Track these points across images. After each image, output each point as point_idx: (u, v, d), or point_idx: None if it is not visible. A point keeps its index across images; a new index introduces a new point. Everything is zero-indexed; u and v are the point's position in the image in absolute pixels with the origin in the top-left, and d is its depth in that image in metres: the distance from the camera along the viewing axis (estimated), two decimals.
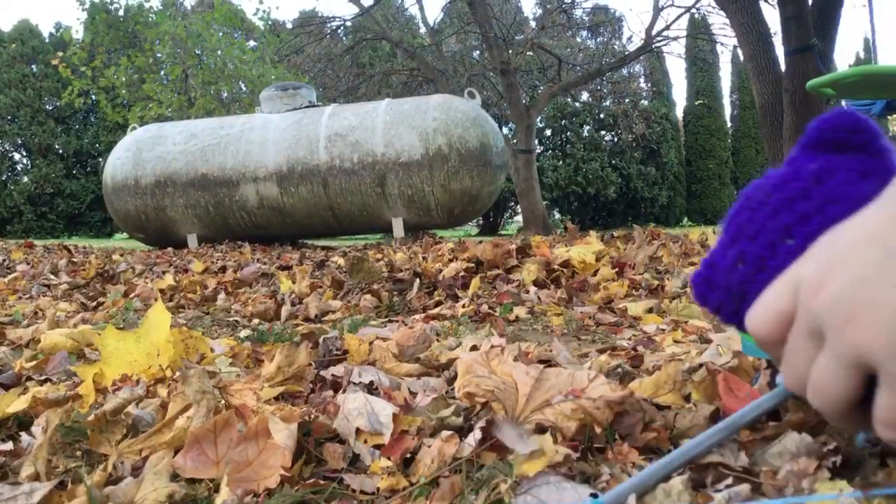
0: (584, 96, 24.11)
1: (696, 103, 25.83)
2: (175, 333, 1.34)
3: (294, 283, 3.25)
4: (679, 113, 26.81)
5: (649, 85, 25.68)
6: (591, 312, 2.23)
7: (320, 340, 1.59)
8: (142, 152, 8.09)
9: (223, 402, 1.06)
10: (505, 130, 19.43)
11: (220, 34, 16.12)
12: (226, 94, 16.28)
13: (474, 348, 1.49)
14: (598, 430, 0.86)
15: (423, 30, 19.02)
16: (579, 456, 0.83)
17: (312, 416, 1.03)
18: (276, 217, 7.88)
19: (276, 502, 0.79)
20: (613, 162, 23.62)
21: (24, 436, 1.07)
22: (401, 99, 8.08)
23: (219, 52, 15.85)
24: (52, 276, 4.10)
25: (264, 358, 1.52)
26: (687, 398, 0.98)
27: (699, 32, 16.62)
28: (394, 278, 2.99)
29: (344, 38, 17.66)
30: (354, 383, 1.22)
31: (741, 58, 10.25)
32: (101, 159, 23.10)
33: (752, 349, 0.93)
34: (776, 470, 0.69)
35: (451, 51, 19.04)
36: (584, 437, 0.86)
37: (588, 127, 24.38)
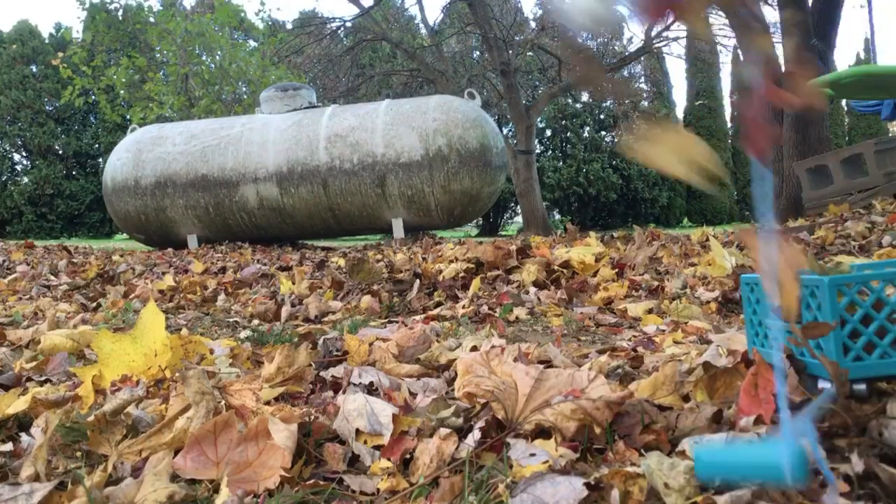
0: (585, 97, 24.10)
1: (696, 104, 25.83)
2: (174, 339, 1.34)
3: (294, 283, 3.25)
4: (679, 114, 26.81)
5: (649, 86, 25.68)
6: (591, 313, 2.23)
7: (320, 341, 1.59)
8: (142, 153, 8.09)
9: (223, 402, 1.06)
10: (505, 131, 19.43)
11: (220, 34, 16.12)
12: (225, 96, 16.27)
13: (474, 349, 1.49)
14: (597, 430, 0.86)
15: (423, 30, 19.02)
16: (579, 456, 0.83)
17: (312, 416, 1.03)
18: (276, 218, 7.87)
19: (276, 503, 0.79)
20: (614, 163, 23.62)
21: (23, 436, 1.07)
22: (401, 100, 8.08)
23: (219, 54, 15.85)
24: (52, 277, 4.10)
25: (264, 359, 1.52)
26: (686, 398, 0.98)
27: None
28: (394, 279, 2.99)
29: (344, 38, 17.65)
30: (354, 384, 1.22)
31: (741, 58, 10.23)
32: (100, 160, 23.10)
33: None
34: None
35: (452, 51, 19.03)
36: (584, 437, 0.86)
37: (588, 128, 24.37)
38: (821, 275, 0.87)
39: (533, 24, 18.77)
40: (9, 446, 1.00)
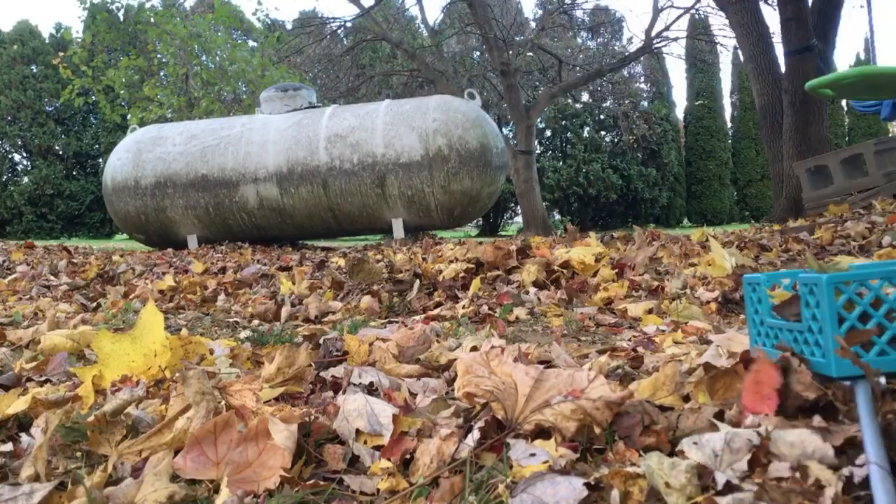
0: (585, 97, 24.10)
1: (696, 104, 25.83)
2: (174, 340, 1.34)
3: (294, 284, 3.25)
4: (679, 114, 26.82)
5: (649, 86, 25.68)
6: (591, 313, 2.23)
7: (320, 341, 1.59)
8: (142, 153, 8.09)
9: (223, 403, 1.06)
10: (505, 131, 19.44)
11: (219, 34, 16.12)
12: (226, 95, 16.28)
13: (474, 349, 1.49)
14: (597, 430, 0.86)
15: (423, 31, 19.03)
16: (578, 456, 0.83)
17: (312, 417, 1.03)
18: (276, 218, 7.88)
19: (276, 503, 0.79)
20: (614, 163, 23.63)
21: (23, 436, 1.07)
22: (401, 100, 8.08)
23: (219, 53, 15.86)
24: (52, 277, 4.10)
25: (264, 359, 1.52)
26: (686, 399, 0.98)
27: (699, 33, 16.63)
28: (394, 279, 2.99)
29: (344, 38, 17.66)
30: (354, 384, 1.22)
31: (741, 58, 10.27)
32: (100, 160, 23.11)
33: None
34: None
35: (452, 52, 19.04)
36: (584, 437, 0.86)
37: (588, 128, 24.38)
38: (819, 273, 0.87)
39: (533, 25, 18.77)
40: (9, 446, 1.00)
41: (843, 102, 22.65)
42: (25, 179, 22.88)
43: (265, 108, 8.40)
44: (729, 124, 27.15)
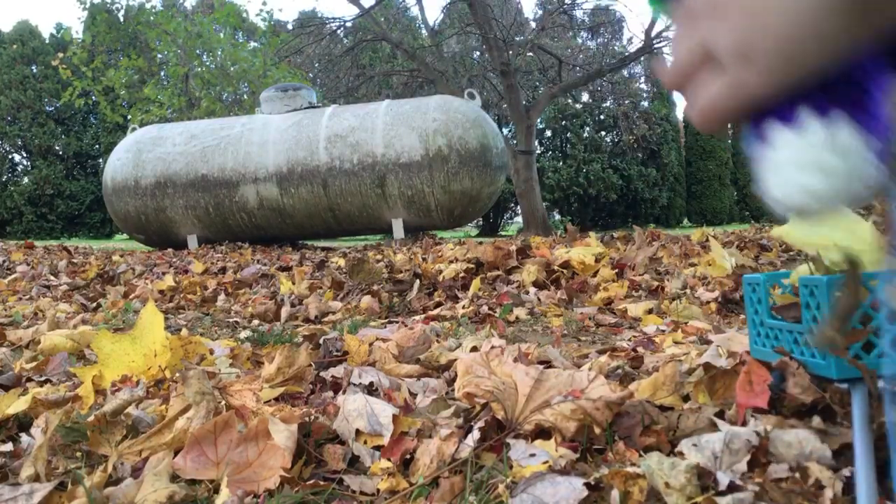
0: (585, 97, 24.09)
1: None
2: (174, 340, 1.34)
3: (294, 284, 3.25)
4: (679, 114, 26.82)
5: (649, 86, 25.67)
6: (591, 313, 2.23)
7: (320, 341, 1.59)
8: (142, 153, 8.09)
9: (223, 403, 1.06)
10: (505, 131, 19.43)
11: (222, 35, 16.13)
12: (226, 96, 16.27)
13: (474, 349, 1.49)
14: (597, 430, 0.86)
15: (423, 31, 19.03)
16: (578, 456, 0.83)
17: (312, 417, 1.03)
18: (276, 218, 7.88)
19: (276, 503, 0.79)
20: (614, 163, 23.63)
21: (23, 437, 1.07)
22: (401, 100, 8.08)
23: (219, 53, 15.86)
24: (52, 277, 4.10)
25: (264, 359, 1.52)
26: (686, 398, 0.98)
27: None
28: (394, 279, 2.99)
29: (344, 38, 17.65)
30: (354, 384, 1.22)
31: None
32: (100, 160, 23.12)
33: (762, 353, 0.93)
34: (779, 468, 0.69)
35: (452, 52, 19.04)
36: (584, 437, 0.86)
37: (588, 128, 24.38)
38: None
39: (533, 25, 18.77)
40: (9, 446, 1.00)
41: None
42: (25, 179, 22.88)
43: (265, 108, 8.40)
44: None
